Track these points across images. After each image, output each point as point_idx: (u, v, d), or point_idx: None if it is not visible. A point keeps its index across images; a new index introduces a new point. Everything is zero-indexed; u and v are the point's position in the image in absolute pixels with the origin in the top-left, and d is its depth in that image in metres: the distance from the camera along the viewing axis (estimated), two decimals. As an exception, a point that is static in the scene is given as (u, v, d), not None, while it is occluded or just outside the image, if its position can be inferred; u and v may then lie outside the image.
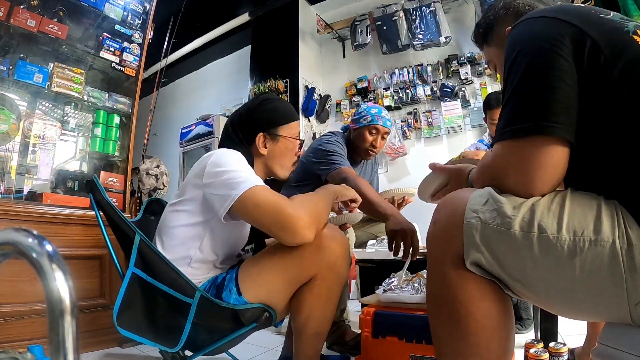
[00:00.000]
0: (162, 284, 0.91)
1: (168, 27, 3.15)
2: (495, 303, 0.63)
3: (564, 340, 1.17)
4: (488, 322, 0.62)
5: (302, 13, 3.95)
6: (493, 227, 0.60)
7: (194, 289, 0.91)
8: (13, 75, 1.74)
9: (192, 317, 0.90)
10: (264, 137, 1.10)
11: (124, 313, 0.89)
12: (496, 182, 0.65)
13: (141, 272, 0.91)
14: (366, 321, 1.14)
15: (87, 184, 1.01)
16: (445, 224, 0.66)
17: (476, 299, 0.62)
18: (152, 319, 0.94)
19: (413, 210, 1.77)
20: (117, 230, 0.98)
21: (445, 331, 0.66)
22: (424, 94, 3.48)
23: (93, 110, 2.07)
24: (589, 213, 0.56)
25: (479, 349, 0.62)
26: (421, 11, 3.38)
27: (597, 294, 0.54)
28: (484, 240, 0.60)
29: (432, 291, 0.70)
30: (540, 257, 0.56)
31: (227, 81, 4.81)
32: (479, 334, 0.62)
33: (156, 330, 0.94)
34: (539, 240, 0.56)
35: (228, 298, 0.94)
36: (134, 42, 2.18)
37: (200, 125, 3.99)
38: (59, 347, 0.32)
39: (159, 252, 0.93)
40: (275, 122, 1.11)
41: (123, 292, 0.90)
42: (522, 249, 0.57)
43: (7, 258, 0.36)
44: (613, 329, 0.59)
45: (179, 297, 0.90)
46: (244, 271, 0.98)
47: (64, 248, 1.67)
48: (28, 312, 1.50)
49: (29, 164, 1.85)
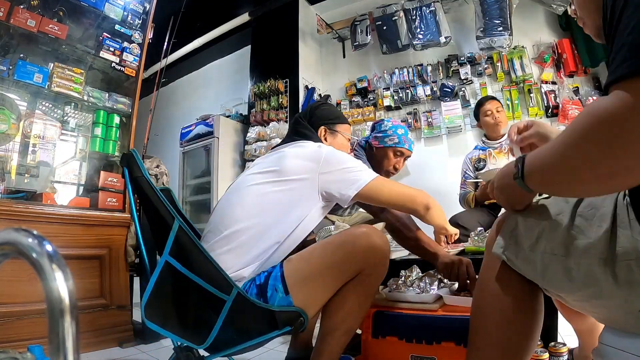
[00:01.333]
0: (197, 276, 0.86)
1: (168, 27, 3.15)
2: (524, 299, 0.67)
3: (564, 340, 1.17)
4: (512, 316, 0.67)
5: (302, 13, 3.95)
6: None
7: (231, 285, 0.86)
8: (13, 75, 1.74)
9: (225, 315, 0.86)
10: (325, 130, 1.25)
11: (152, 304, 0.84)
12: (609, 144, 0.42)
13: (175, 261, 0.86)
14: (366, 321, 1.14)
15: (123, 157, 0.95)
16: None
17: (507, 293, 0.67)
18: (182, 312, 0.89)
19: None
20: (152, 213, 0.91)
21: (490, 325, 0.69)
22: (424, 94, 3.47)
23: (93, 110, 2.07)
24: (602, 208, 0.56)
25: (498, 340, 0.68)
26: (421, 11, 3.38)
27: (612, 285, 0.54)
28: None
29: (479, 281, 0.75)
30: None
31: (227, 81, 4.81)
32: (501, 326, 0.67)
33: (184, 325, 0.89)
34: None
35: (274, 297, 0.91)
36: (134, 42, 2.18)
37: (200, 125, 3.98)
38: (59, 347, 0.32)
39: (199, 242, 0.89)
40: (334, 120, 1.27)
41: (154, 281, 0.84)
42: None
43: (7, 258, 0.36)
44: (613, 329, 0.59)
45: (214, 292, 0.86)
46: (291, 268, 0.95)
47: (64, 248, 1.67)
48: (28, 312, 1.50)
49: (29, 164, 1.85)
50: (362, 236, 0.95)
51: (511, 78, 3.09)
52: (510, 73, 3.10)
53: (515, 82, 3.07)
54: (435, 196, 1.11)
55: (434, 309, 1.09)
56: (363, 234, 0.95)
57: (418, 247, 1.27)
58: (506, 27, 2.95)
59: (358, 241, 0.94)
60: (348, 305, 0.96)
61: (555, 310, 1.12)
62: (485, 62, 3.23)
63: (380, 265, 0.98)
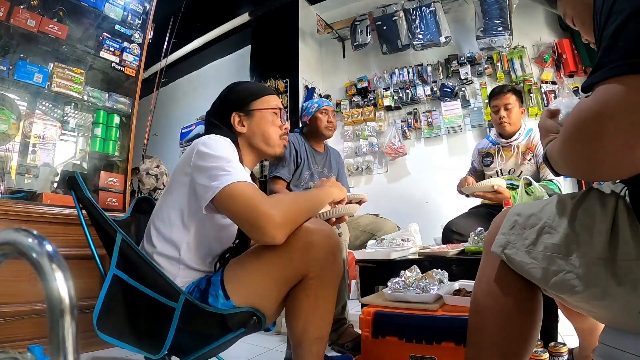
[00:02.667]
0: (144, 287, 0.86)
1: (168, 27, 3.15)
2: (523, 298, 0.67)
3: (564, 340, 1.17)
4: (512, 316, 0.68)
5: (302, 13, 3.95)
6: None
7: (178, 292, 0.86)
8: (13, 75, 1.74)
9: (177, 322, 0.85)
10: (238, 116, 1.09)
11: (105, 317, 0.85)
12: (595, 139, 0.48)
13: (122, 273, 0.87)
14: (366, 321, 1.14)
15: (68, 180, 0.97)
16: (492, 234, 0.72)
17: (505, 293, 0.68)
18: (135, 323, 0.90)
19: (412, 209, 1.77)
20: (99, 229, 0.94)
21: (490, 326, 0.70)
22: (424, 94, 3.47)
23: (93, 110, 2.07)
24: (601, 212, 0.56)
25: (497, 340, 0.68)
26: (421, 11, 3.38)
27: (613, 286, 0.54)
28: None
29: (477, 280, 0.76)
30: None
31: (227, 81, 4.68)
32: (500, 326, 0.68)
33: (139, 336, 0.89)
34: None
35: (215, 303, 0.89)
36: (134, 42, 2.18)
37: (200, 125, 4.00)
38: (59, 347, 0.32)
39: (142, 252, 0.89)
40: (246, 99, 1.10)
41: (104, 294, 0.86)
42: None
43: (7, 258, 0.36)
44: (614, 329, 0.59)
45: (163, 300, 0.86)
46: (230, 273, 0.92)
47: (64, 248, 1.67)
48: (28, 312, 1.50)
49: (29, 164, 1.85)
50: (297, 238, 0.88)
51: (511, 78, 3.09)
52: (510, 73, 3.10)
53: (516, 82, 3.07)
54: (436, 196, 1.10)
55: (434, 309, 1.09)
56: (299, 235, 0.88)
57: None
58: (506, 27, 2.95)
59: (294, 244, 0.87)
60: (304, 313, 0.91)
61: (555, 310, 1.12)
62: (485, 62, 3.24)
63: (327, 266, 0.91)
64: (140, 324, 0.90)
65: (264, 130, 1.09)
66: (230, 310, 0.88)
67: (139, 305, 0.89)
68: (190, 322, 0.87)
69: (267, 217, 0.83)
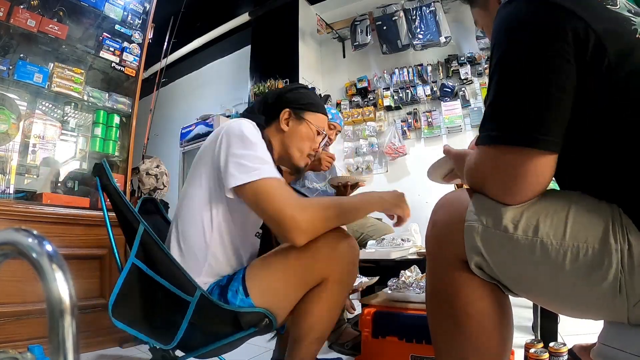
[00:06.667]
0: (162, 278, 0.88)
1: (168, 27, 3.15)
2: (494, 303, 0.63)
3: (564, 340, 1.17)
4: (487, 322, 0.62)
5: (302, 13, 3.95)
6: (494, 231, 0.59)
7: (194, 287, 0.88)
8: (13, 75, 1.74)
9: (190, 316, 0.87)
10: (289, 113, 1.08)
11: (120, 304, 0.87)
12: (479, 187, 0.64)
13: (142, 263, 0.89)
14: (366, 321, 1.14)
15: (95, 167, 0.98)
16: (444, 225, 0.67)
17: (475, 299, 0.62)
18: (149, 313, 0.92)
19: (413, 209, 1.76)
20: (121, 218, 0.95)
21: (445, 331, 0.66)
22: (424, 94, 3.48)
23: (93, 110, 2.07)
24: (593, 219, 0.55)
25: (478, 348, 0.62)
26: (421, 11, 3.38)
27: (597, 297, 0.54)
28: (485, 244, 0.60)
29: (431, 291, 0.70)
30: (542, 262, 0.56)
31: (227, 81, 4.81)
32: (478, 333, 0.62)
33: (152, 325, 0.91)
34: (541, 246, 0.55)
35: (234, 299, 0.90)
36: (134, 42, 2.18)
37: (200, 126, 3.99)
38: (59, 347, 0.32)
39: (162, 245, 0.91)
40: (305, 105, 1.10)
41: (121, 282, 0.88)
42: (524, 254, 0.57)
43: (7, 258, 0.36)
44: (612, 329, 0.59)
45: (178, 293, 0.87)
46: (253, 271, 0.94)
47: (64, 248, 1.67)
48: (28, 312, 1.50)
49: (29, 164, 1.85)
50: (326, 242, 0.90)
51: (511, 78, 3.09)
52: (510, 73, 3.10)
53: (515, 82, 3.07)
54: (436, 196, 1.10)
55: (434, 309, 1.09)
56: (328, 240, 0.90)
57: None
58: (506, 27, 2.95)
59: (322, 248, 0.90)
60: (315, 313, 0.94)
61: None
62: (485, 62, 3.24)
63: (346, 274, 0.95)
64: (155, 314, 0.92)
65: (302, 141, 1.10)
66: (244, 309, 0.89)
67: (155, 296, 0.90)
68: (203, 317, 0.89)
69: (292, 221, 0.84)
